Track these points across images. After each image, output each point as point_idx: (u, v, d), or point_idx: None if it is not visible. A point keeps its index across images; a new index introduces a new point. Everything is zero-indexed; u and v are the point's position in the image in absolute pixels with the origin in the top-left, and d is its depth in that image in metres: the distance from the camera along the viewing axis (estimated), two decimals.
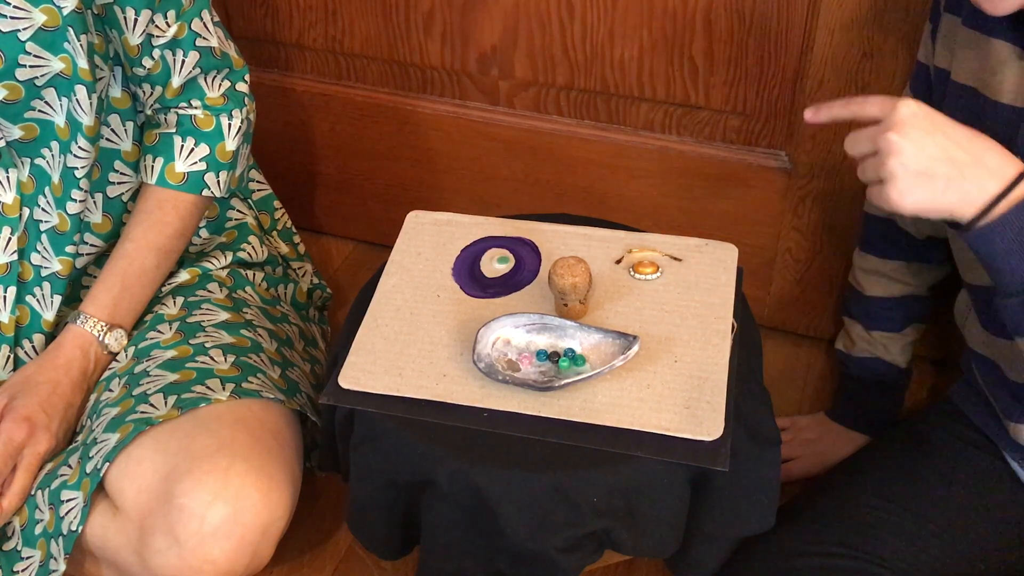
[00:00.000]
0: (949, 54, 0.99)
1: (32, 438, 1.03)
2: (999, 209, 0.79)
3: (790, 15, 1.19)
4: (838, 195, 1.30)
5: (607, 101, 1.35)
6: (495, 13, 1.32)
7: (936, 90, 1.03)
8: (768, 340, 1.45)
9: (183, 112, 1.12)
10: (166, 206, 1.13)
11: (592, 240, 1.07)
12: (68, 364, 1.08)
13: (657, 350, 0.95)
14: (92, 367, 1.09)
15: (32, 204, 1.09)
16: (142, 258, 1.12)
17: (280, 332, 1.22)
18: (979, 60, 0.94)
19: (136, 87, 1.11)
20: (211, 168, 1.13)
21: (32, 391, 1.05)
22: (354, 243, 1.67)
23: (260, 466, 0.99)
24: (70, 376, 1.07)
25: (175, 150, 1.12)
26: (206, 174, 1.13)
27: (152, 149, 1.13)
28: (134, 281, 1.12)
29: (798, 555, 0.99)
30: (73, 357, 1.08)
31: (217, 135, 1.13)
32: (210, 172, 1.13)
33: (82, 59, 1.03)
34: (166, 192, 1.13)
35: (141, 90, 1.11)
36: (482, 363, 0.92)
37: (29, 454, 1.03)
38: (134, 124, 1.14)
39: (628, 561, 1.20)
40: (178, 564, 0.96)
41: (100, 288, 1.11)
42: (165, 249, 1.13)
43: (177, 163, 1.12)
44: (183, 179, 1.12)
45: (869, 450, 1.18)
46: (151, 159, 1.12)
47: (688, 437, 0.87)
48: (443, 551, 0.93)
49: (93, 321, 1.09)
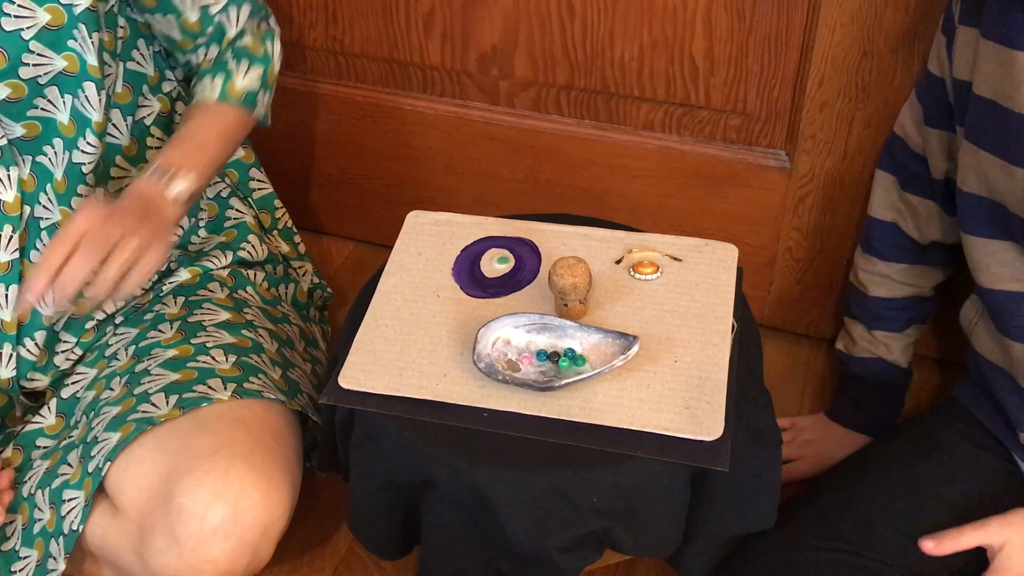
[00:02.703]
0: (969, 66, 0.99)
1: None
2: None
3: (790, 15, 1.19)
4: (838, 195, 1.30)
5: (607, 101, 1.35)
6: (495, 13, 1.32)
7: (957, 103, 1.02)
8: (768, 340, 1.45)
9: (237, 44, 1.16)
10: (217, 116, 1.15)
11: (592, 240, 1.07)
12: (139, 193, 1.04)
13: (657, 350, 0.95)
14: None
15: (33, 202, 1.09)
16: (205, 132, 1.12)
17: (281, 332, 1.23)
18: (1002, 72, 0.93)
19: (187, 56, 1.16)
20: (263, 87, 1.17)
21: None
22: (354, 243, 1.67)
23: (260, 466, 1.00)
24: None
25: (233, 70, 1.15)
26: (258, 93, 1.17)
27: (209, 71, 1.15)
28: (198, 145, 1.11)
29: (798, 551, 0.99)
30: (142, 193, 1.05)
31: (267, 59, 1.18)
32: (261, 91, 1.17)
33: (92, 56, 1.03)
34: (220, 106, 1.14)
35: (195, 55, 1.15)
36: (482, 363, 0.92)
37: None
38: (133, 119, 1.14)
39: (628, 561, 1.20)
40: (178, 564, 0.96)
41: (162, 151, 1.09)
42: (225, 137, 1.14)
43: (237, 80, 1.14)
44: (242, 96, 1.15)
45: (873, 448, 1.17)
46: (210, 79, 1.14)
47: (688, 437, 0.87)
48: (443, 551, 0.94)
49: (155, 168, 1.05)
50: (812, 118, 1.25)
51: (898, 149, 1.16)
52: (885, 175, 1.18)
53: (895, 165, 1.17)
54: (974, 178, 0.99)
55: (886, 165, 1.18)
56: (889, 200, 1.18)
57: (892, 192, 1.18)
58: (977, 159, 0.98)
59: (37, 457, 1.10)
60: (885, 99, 1.20)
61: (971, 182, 1.00)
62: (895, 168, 1.17)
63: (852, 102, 1.22)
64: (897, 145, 1.16)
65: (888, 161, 1.18)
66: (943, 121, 1.07)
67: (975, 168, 0.99)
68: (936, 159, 1.10)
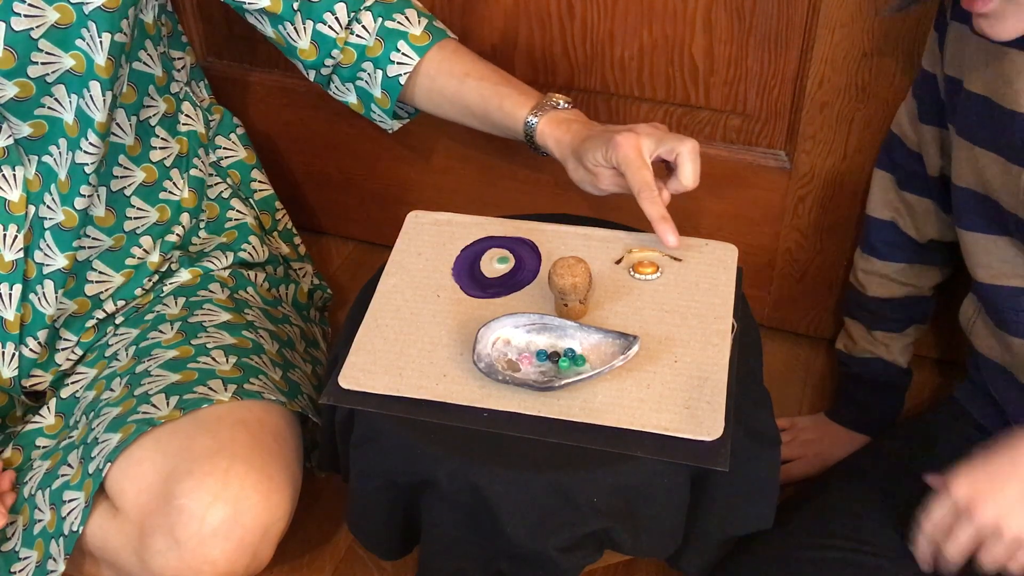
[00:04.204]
0: (960, 63, 0.99)
1: None
2: None
3: (790, 15, 1.19)
4: (838, 195, 1.30)
5: (607, 101, 1.35)
6: (495, 13, 1.32)
7: (948, 100, 1.02)
8: (768, 340, 1.45)
9: (378, 9, 1.14)
10: (441, 60, 1.14)
11: (592, 240, 1.07)
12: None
13: (657, 350, 0.95)
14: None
15: (37, 202, 1.09)
16: (483, 67, 1.14)
17: (281, 333, 1.23)
18: (994, 70, 0.93)
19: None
20: (429, 19, 1.15)
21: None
22: (354, 243, 1.67)
23: (260, 467, 1.00)
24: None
25: (399, 30, 1.13)
26: (432, 22, 1.15)
27: (384, 48, 1.13)
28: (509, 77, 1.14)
29: (797, 550, 0.99)
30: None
31: (406, 2, 1.15)
32: (432, 21, 1.16)
33: (100, 55, 1.03)
34: (428, 56, 1.14)
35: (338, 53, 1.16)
36: (482, 363, 0.92)
37: None
38: (137, 119, 1.14)
39: (628, 561, 1.20)
40: (178, 565, 0.96)
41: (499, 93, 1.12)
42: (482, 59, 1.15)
43: (413, 30, 1.13)
44: (428, 37, 1.13)
45: (872, 448, 1.18)
46: (396, 53, 1.13)
47: (688, 437, 0.87)
48: (443, 551, 0.94)
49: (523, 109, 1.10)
50: (812, 118, 1.25)
51: (895, 147, 1.16)
52: (883, 174, 1.19)
53: (892, 163, 1.17)
54: (968, 173, 0.99)
55: (884, 164, 1.19)
56: (887, 199, 1.18)
57: (890, 191, 1.18)
58: (973, 155, 0.98)
59: (37, 457, 1.10)
60: (885, 99, 1.20)
61: (965, 177, 1.00)
62: (892, 166, 1.17)
63: (852, 102, 1.22)
64: (894, 143, 1.16)
65: (886, 159, 1.18)
66: (937, 117, 1.08)
67: (971, 164, 0.99)
68: (931, 156, 1.10)
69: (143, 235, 1.19)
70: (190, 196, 1.23)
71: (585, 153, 1.03)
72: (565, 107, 1.09)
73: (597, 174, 1.04)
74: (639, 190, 0.99)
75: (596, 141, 1.02)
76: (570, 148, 1.06)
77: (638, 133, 1.00)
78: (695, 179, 1.01)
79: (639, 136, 1.00)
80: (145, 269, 1.19)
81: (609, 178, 1.04)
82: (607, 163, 1.02)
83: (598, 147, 1.01)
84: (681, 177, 1.01)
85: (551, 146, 1.08)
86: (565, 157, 1.07)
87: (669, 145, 1.00)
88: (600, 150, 1.01)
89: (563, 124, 1.07)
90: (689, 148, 1.00)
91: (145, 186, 1.18)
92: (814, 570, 0.97)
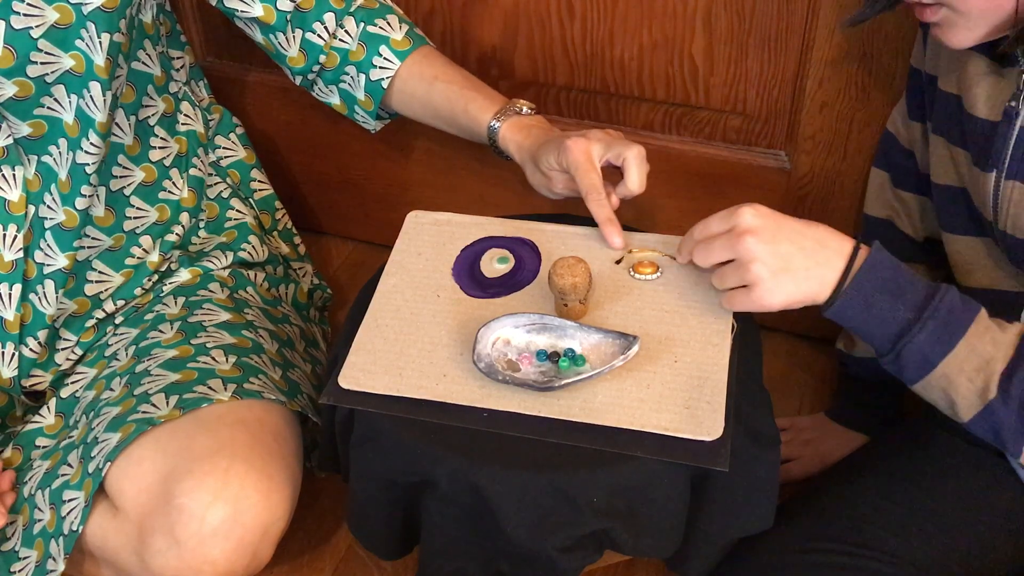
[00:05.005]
0: (936, 61, 1.00)
1: None
2: (847, 283, 0.86)
3: (790, 15, 1.19)
4: (838, 195, 1.30)
5: (607, 101, 1.35)
6: (495, 13, 1.32)
7: (927, 95, 1.03)
8: (768, 340, 1.44)
9: (360, 14, 1.16)
10: (412, 64, 1.16)
11: (592, 240, 1.07)
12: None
13: (657, 350, 0.95)
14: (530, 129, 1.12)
15: (37, 202, 1.09)
16: (452, 71, 1.16)
17: (281, 333, 1.23)
18: (959, 71, 0.95)
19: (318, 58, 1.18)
20: (410, 26, 1.18)
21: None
22: (354, 243, 1.67)
23: (260, 467, 1.00)
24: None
25: (380, 35, 1.15)
26: (412, 29, 1.18)
27: (367, 53, 1.15)
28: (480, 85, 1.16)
29: (796, 551, 0.99)
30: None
31: (387, 8, 1.18)
32: (413, 27, 1.18)
33: (99, 56, 1.03)
34: (406, 62, 1.16)
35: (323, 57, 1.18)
36: (482, 363, 0.92)
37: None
38: (136, 119, 1.14)
39: (628, 561, 1.20)
40: (178, 565, 0.96)
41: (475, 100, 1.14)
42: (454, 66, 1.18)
43: (394, 35, 1.16)
44: (409, 42, 1.16)
45: (870, 449, 1.17)
46: (378, 57, 1.15)
47: (688, 437, 0.87)
48: (443, 551, 0.94)
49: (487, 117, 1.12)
50: (812, 118, 1.25)
51: (890, 145, 1.16)
52: (879, 172, 1.19)
53: (888, 162, 1.17)
54: (946, 171, 1.00)
55: (880, 162, 1.19)
56: (883, 197, 1.19)
57: (886, 189, 1.18)
58: (948, 152, 0.99)
59: (37, 457, 1.10)
60: (885, 99, 1.20)
61: (944, 175, 1.01)
62: (888, 165, 1.18)
63: (852, 102, 1.22)
64: (889, 141, 1.16)
65: (882, 158, 1.19)
66: (922, 113, 1.08)
67: (947, 161, 1.00)
68: (921, 153, 1.11)
69: (143, 235, 1.19)
70: (189, 196, 1.23)
71: (540, 157, 1.06)
72: (528, 113, 1.12)
73: (551, 177, 1.07)
74: (587, 192, 1.02)
75: (550, 145, 1.05)
76: (528, 152, 1.09)
77: (588, 138, 1.03)
78: (640, 184, 1.03)
79: (589, 141, 1.03)
80: (145, 269, 1.19)
81: (562, 182, 1.06)
82: (559, 167, 1.04)
83: (551, 151, 1.04)
84: (627, 182, 1.03)
85: (512, 150, 1.11)
86: (524, 161, 1.10)
87: (617, 150, 1.02)
88: (552, 154, 1.04)
89: (524, 129, 1.10)
90: (635, 153, 1.02)
91: (145, 186, 1.18)
92: (814, 574, 0.97)
